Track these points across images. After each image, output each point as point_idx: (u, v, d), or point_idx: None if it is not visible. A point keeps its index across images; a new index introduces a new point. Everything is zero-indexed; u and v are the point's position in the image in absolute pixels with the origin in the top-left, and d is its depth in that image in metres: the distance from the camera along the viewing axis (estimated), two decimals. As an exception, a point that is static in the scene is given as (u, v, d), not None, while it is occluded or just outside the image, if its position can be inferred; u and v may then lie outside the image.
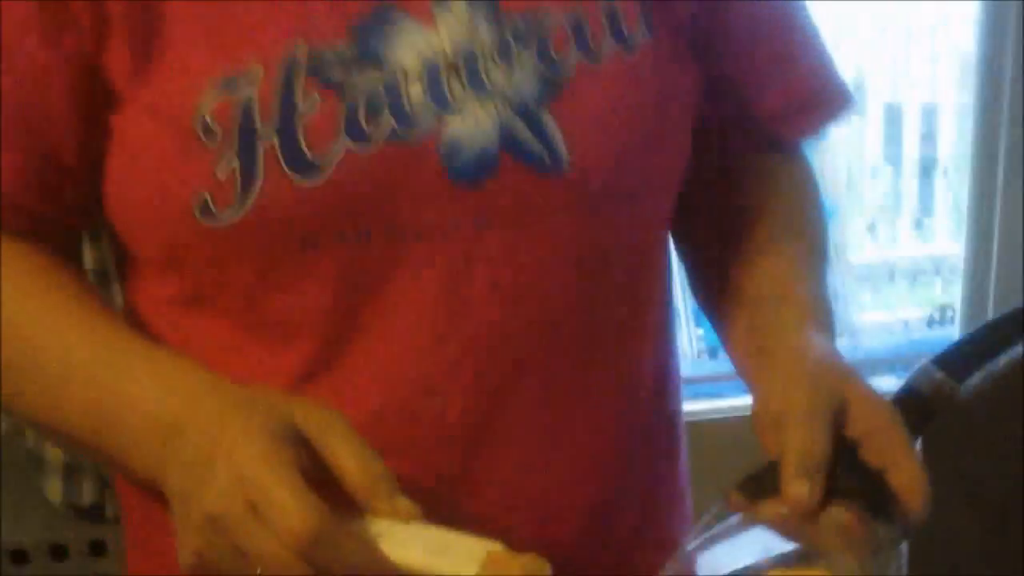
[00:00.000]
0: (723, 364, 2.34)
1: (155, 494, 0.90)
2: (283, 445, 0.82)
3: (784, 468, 0.90)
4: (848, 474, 0.91)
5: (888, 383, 2.09)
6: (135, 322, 1.00)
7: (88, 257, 1.58)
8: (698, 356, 2.77)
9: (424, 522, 0.84)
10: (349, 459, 0.84)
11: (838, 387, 0.94)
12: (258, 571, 0.81)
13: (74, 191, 0.97)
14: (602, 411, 1.04)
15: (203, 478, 0.83)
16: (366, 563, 0.82)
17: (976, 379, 1.12)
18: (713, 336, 2.49)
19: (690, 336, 2.73)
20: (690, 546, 0.94)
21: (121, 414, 0.90)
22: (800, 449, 0.90)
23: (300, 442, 0.84)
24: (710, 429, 2.00)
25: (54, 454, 2.02)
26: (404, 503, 0.83)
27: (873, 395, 0.95)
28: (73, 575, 2.10)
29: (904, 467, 0.92)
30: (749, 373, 1.01)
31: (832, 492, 0.90)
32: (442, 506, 0.90)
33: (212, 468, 0.83)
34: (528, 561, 0.82)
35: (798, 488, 0.89)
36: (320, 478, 0.83)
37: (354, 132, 0.90)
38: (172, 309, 0.98)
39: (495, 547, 0.83)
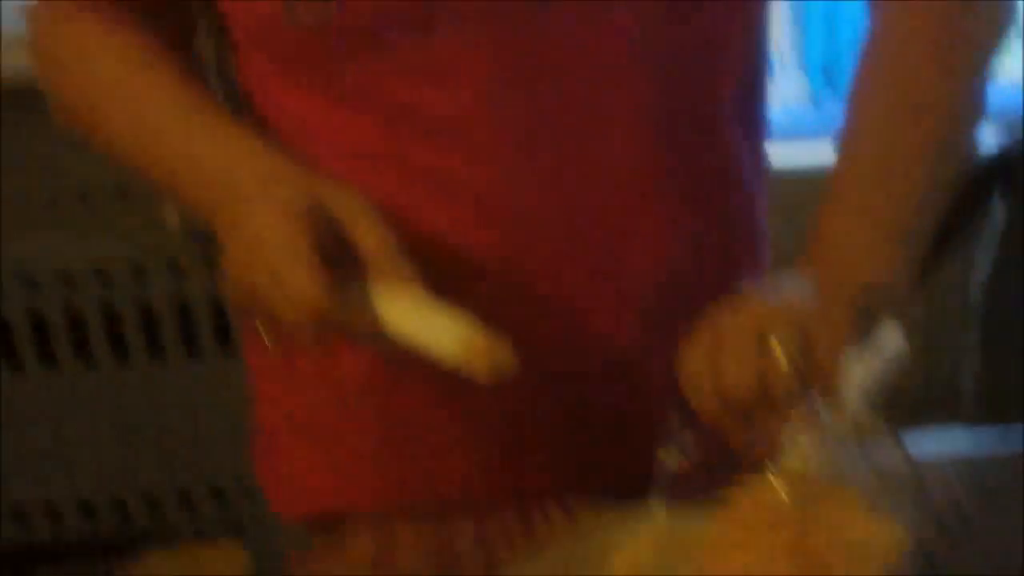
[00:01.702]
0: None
1: None
2: (302, 221, 0.93)
3: None
4: None
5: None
6: (237, 98, 1.14)
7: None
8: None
9: (425, 294, 0.93)
10: (366, 231, 0.94)
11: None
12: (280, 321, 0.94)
13: None
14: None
15: (233, 238, 0.97)
16: (361, 327, 0.94)
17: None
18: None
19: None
20: None
21: (188, 165, 1.05)
22: None
23: (321, 215, 0.95)
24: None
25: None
26: (408, 270, 0.94)
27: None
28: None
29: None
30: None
31: None
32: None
33: (240, 232, 0.96)
34: (499, 348, 0.90)
35: None
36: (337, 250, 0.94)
37: None
38: (268, 82, 1.09)
39: (475, 326, 0.91)
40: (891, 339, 0.92)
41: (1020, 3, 1.06)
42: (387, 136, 1.04)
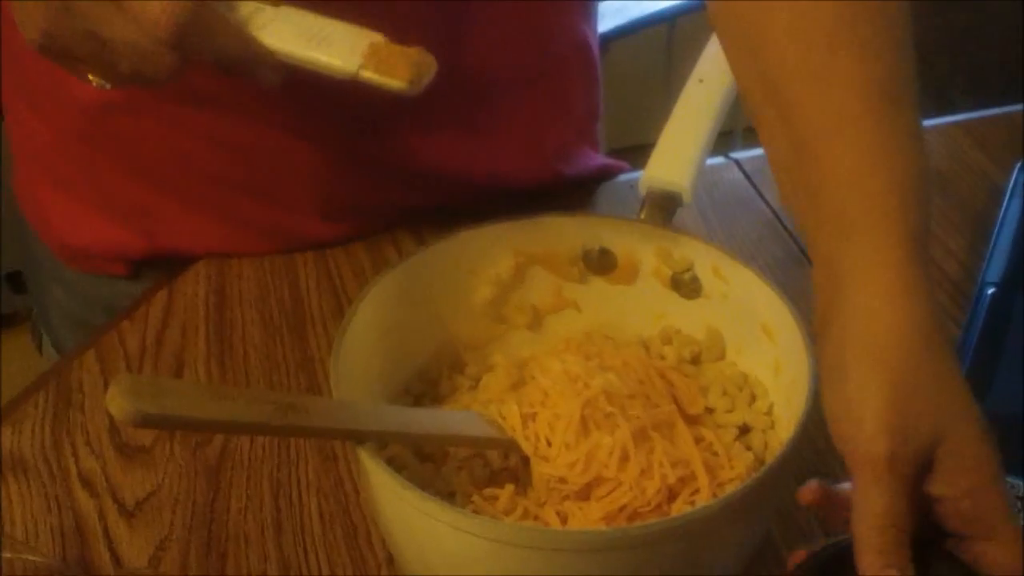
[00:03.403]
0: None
1: None
2: None
3: (857, 543, 0.65)
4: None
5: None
6: None
7: None
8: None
9: (294, 7, 0.79)
10: None
11: (932, 422, 0.65)
12: (121, 62, 0.76)
13: None
14: None
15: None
16: (239, 49, 0.77)
17: None
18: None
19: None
20: None
21: None
22: (876, 521, 0.65)
23: None
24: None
25: None
26: None
27: (978, 436, 0.66)
28: None
29: (1005, 543, 0.66)
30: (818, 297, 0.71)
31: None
32: None
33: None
34: (415, 53, 0.78)
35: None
36: None
37: None
38: None
39: (378, 38, 0.79)
40: None
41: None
42: None
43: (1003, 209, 1.08)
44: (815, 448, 0.90)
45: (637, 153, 1.03)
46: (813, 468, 0.88)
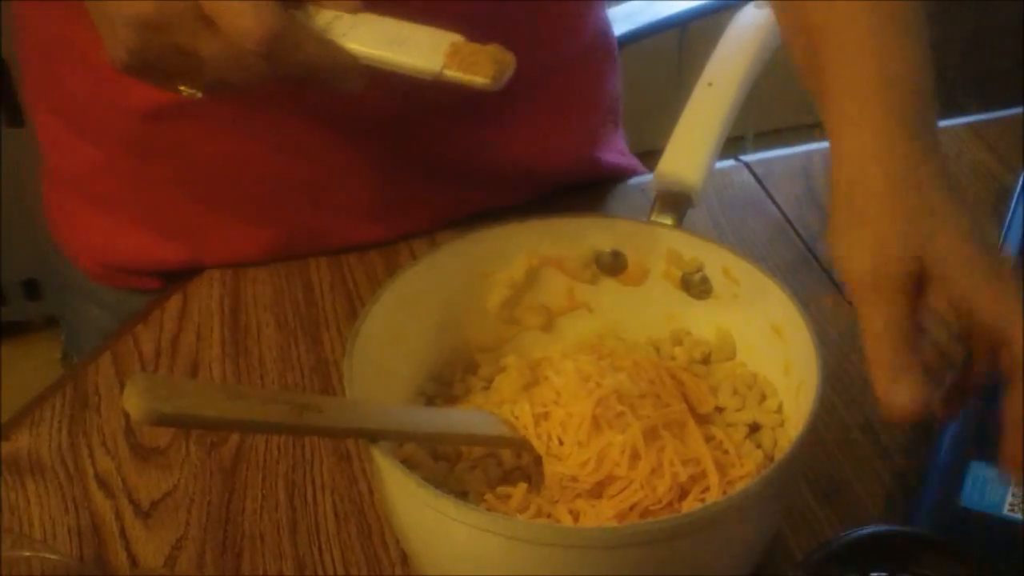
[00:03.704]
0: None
1: None
2: None
3: (867, 366, 0.70)
4: None
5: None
6: None
7: None
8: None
9: (371, 13, 0.80)
10: None
11: (912, 235, 0.71)
12: (211, 72, 0.77)
13: None
14: None
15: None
16: (324, 56, 0.78)
17: None
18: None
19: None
20: None
21: None
22: (877, 339, 0.70)
23: None
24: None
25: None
26: None
27: (964, 238, 0.71)
28: None
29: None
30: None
31: None
32: None
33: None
34: (495, 50, 0.79)
35: (897, 397, 0.68)
36: None
37: None
38: None
39: (457, 38, 0.79)
40: None
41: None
42: None
43: (1011, 210, 1.08)
44: (824, 447, 0.91)
45: (649, 157, 1.04)
46: (823, 466, 0.89)
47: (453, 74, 0.79)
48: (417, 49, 0.79)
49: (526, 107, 1.11)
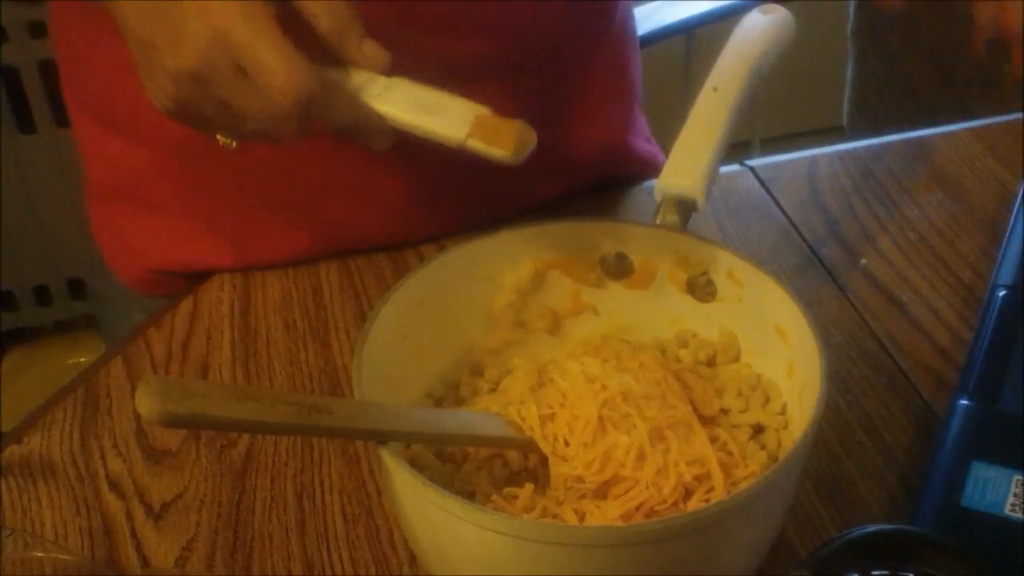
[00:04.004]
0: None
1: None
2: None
3: None
4: None
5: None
6: None
7: None
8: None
9: (402, 76, 0.83)
10: (324, 9, 0.81)
11: None
12: (247, 124, 0.81)
13: None
14: None
15: (175, 29, 0.78)
16: (355, 116, 0.82)
17: None
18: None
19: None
20: None
21: None
22: None
23: None
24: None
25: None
26: (372, 48, 0.82)
27: None
28: None
29: None
30: None
31: None
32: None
33: (184, 19, 0.78)
34: (519, 126, 0.82)
35: None
36: (292, 29, 0.80)
37: None
38: None
39: (484, 110, 0.82)
40: None
41: None
42: None
43: (1014, 213, 1.08)
44: (828, 447, 0.91)
45: (656, 162, 1.05)
46: (827, 466, 0.90)
47: (476, 144, 0.82)
48: (444, 117, 0.83)
49: (567, 94, 1.13)
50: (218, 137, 0.86)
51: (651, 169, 1.22)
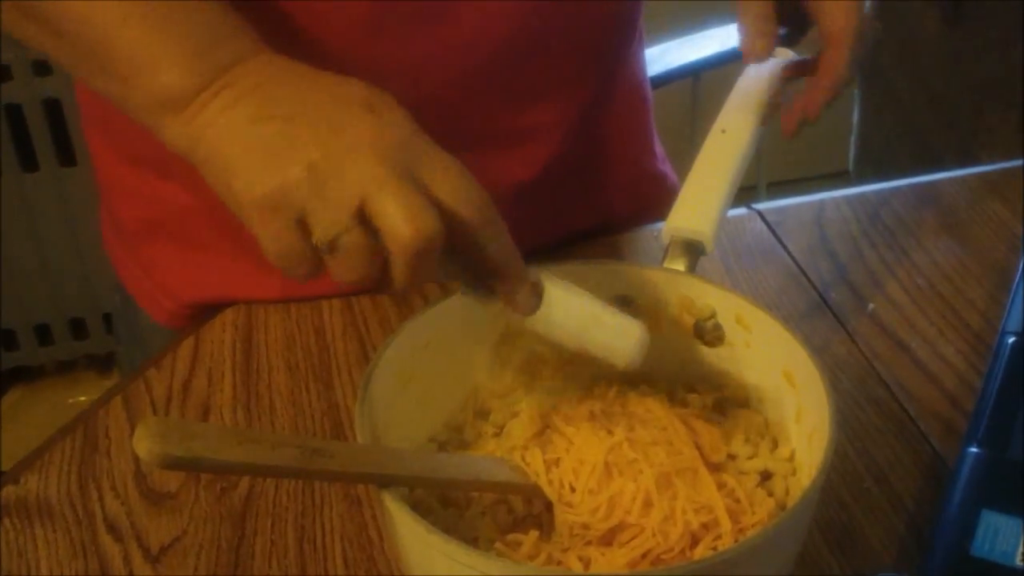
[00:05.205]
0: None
1: None
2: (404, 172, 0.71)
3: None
4: None
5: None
6: None
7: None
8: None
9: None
10: (491, 237, 0.75)
11: None
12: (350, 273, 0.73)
13: None
14: None
15: (307, 191, 0.72)
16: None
17: None
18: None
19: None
20: None
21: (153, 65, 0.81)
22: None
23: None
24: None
25: None
26: (526, 296, 0.78)
27: None
28: None
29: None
30: None
31: None
32: None
33: (320, 180, 0.71)
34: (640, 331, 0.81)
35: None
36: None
37: None
38: None
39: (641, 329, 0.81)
40: None
41: None
42: None
43: (1023, 259, 1.08)
44: (837, 495, 0.90)
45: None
46: (835, 514, 0.88)
47: (624, 362, 0.81)
48: (605, 332, 0.81)
49: (603, 121, 1.14)
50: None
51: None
